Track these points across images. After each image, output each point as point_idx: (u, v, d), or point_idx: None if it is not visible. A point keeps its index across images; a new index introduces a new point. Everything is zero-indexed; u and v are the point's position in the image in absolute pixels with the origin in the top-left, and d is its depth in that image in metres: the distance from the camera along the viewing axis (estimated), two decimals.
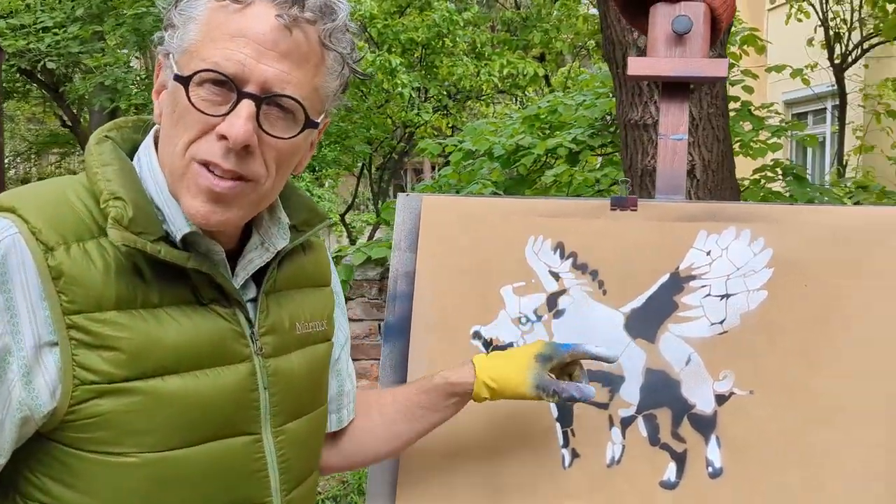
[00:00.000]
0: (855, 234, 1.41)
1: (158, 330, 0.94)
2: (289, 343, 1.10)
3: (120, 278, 0.92)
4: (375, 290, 4.00)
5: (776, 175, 4.99)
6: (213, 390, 0.98)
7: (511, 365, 1.27)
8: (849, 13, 8.83)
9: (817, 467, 1.36)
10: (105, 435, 0.92)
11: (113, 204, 0.92)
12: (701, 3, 1.50)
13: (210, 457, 0.98)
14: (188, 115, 0.93)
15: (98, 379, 0.90)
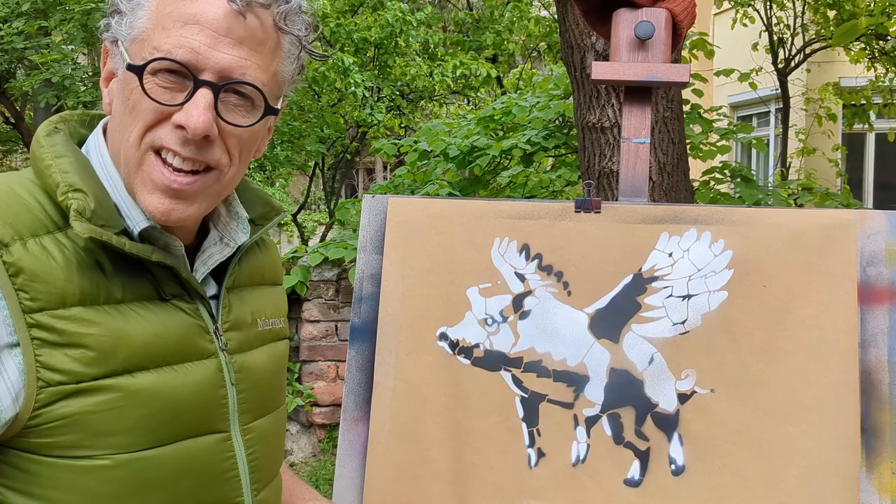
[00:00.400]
0: (810, 235, 1.45)
1: (126, 325, 0.90)
2: (252, 339, 1.08)
3: (82, 273, 0.88)
4: (332, 291, 3.97)
5: (725, 177, 5.10)
6: (182, 387, 0.95)
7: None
8: (792, 19, 9.06)
9: (776, 462, 1.40)
10: (73, 438, 0.87)
11: (73, 196, 0.88)
12: (663, 9, 1.53)
13: (181, 456, 0.95)
14: (142, 103, 0.91)
15: (65, 379, 0.86)
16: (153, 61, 0.90)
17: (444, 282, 1.54)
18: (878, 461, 1.39)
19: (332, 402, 4.00)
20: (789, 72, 9.26)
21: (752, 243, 1.46)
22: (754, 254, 1.46)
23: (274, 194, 12.78)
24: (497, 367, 1.50)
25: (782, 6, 8.91)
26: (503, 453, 1.47)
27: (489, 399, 1.49)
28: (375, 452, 1.49)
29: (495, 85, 10.13)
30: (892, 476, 1.38)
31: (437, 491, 1.47)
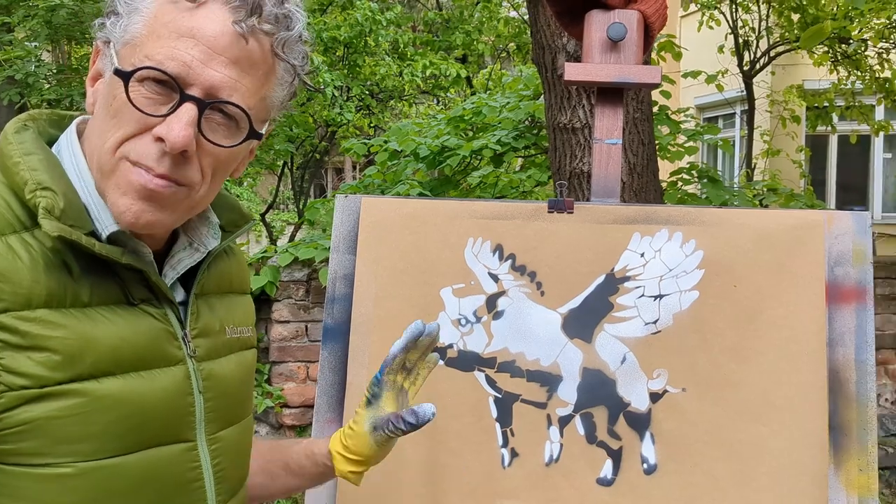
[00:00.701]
0: (779, 235, 1.47)
1: (93, 329, 0.88)
2: (220, 347, 1.06)
3: (49, 274, 0.85)
4: (303, 292, 3.95)
5: (692, 178, 5.15)
6: (150, 393, 0.92)
7: (355, 427, 1.19)
8: (757, 22, 9.17)
9: (746, 461, 1.41)
10: (34, 444, 0.84)
11: (42, 194, 0.86)
12: (635, 11, 1.54)
13: (146, 465, 0.92)
14: (125, 110, 0.89)
15: (28, 383, 0.83)
16: (142, 69, 0.88)
17: (418, 282, 1.53)
18: (845, 458, 1.41)
19: (302, 404, 3.97)
20: (754, 74, 9.37)
21: (723, 244, 1.48)
22: (725, 254, 1.48)
23: (242, 194, 12.68)
24: (471, 368, 1.50)
25: (747, 9, 9.02)
26: (477, 453, 1.47)
27: (463, 399, 1.49)
28: None
29: (465, 85, 10.14)
30: (860, 473, 1.40)
31: (411, 492, 1.46)
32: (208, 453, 1.00)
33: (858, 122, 9.02)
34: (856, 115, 8.87)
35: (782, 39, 9.18)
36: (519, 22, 9.83)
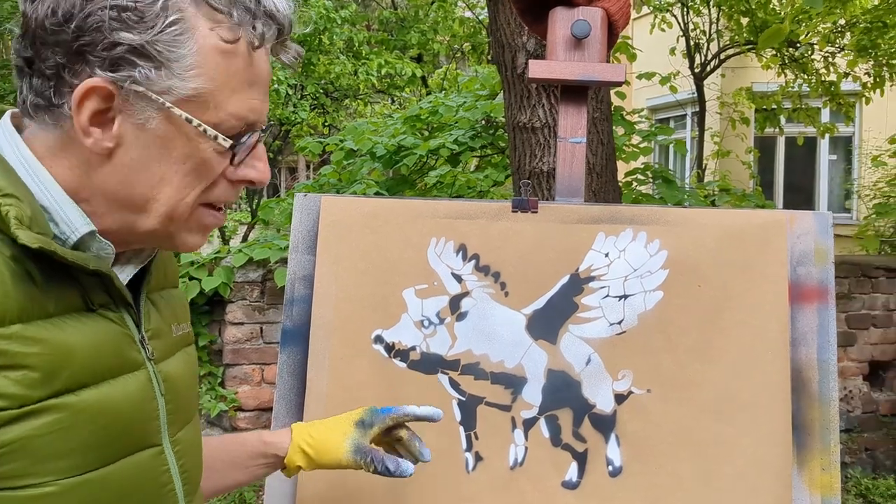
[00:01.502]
0: (742, 236, 1.47)
1: (65, 340, 0.84)
2: (170, 347, 1.03)
3: (16, 287, 0.81)
4: (257, 293, 3.87)
5: (647, 178, 5.20)
6: (122, 400, 0.89)
7: (330, 431, 1.23)
8: (707, 25, 9.31)
9: (710, 460, 1.41)
10: (16, 466, 0.79)
11: (6, 202, 0.81)
12: (599, 8, 1.52)
13: (125, 475, 0.90)
14: (209, 166, 0.90)
15: (7, 404, 0.78)
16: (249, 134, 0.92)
17: (379, 283, 1.50)
18: (808, 457, 1.41)
19: (256, 407, 3.89)
20: (705, 76, 9.51)
21: (687, 243, 1.47)
22: (689, 254, 1.47)
23: None
24: (434, 370, 1.47)
25: (698, 12, 9.15)
26: (440, 458, 1.44)
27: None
28: None
29: (420, 85, 10.11)
30: (822, 472, 1.41)
31: (373, 500, 1.43)
32: (173, 455, 0.98)
33: (805, 125, 9.21)
34: (802, 117, 9.06)
35: (732, 42, 9.33)
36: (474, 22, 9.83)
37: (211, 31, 0.86)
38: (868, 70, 7.93)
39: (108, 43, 0.82)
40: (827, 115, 9.90)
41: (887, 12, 6.91)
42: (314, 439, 1.22)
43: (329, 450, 1.21)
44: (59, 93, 0.85)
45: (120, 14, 0.82)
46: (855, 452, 4.73)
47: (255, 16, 0.88)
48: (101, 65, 0.83)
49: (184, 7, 0.85)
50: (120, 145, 0.87)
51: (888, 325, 4.82)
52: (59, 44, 0.83)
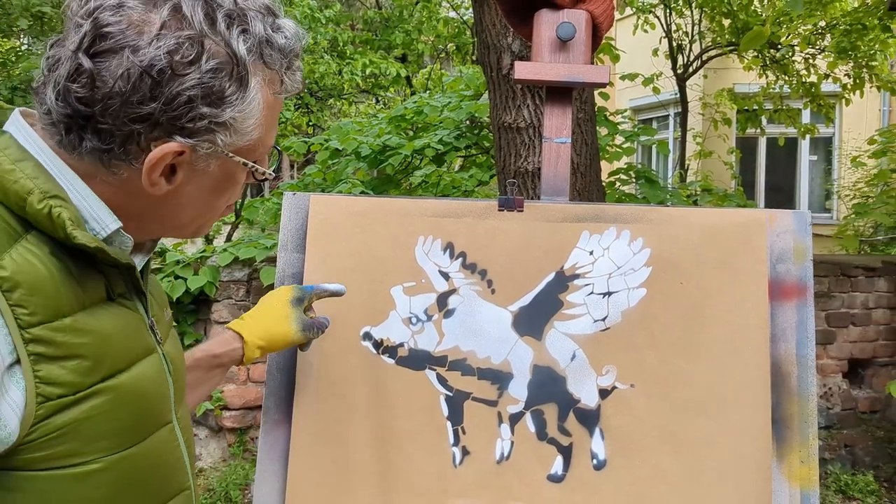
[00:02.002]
0: (723, 234, 1.50)
1: (104, 328, 0.89)
2: (166, 330, 1.10)
3: (63, 281, 0.86)
4: (243, 292, 3.87)
5: (630, 178, 5.24)
6: (148, 382, 0.96)
7: (272, 319, 1.35)
8: (690, 26, 9.39)
9: (693, 455, 1.44)
10: (68, 447, 0.85)
11: (54, 203, 0.85)
12: (583, 11, 1.55)
13: (153, 450, 0.97)
14: (239, 184, 1.02)
15: (64, 391, 0.84)
16: (276, 161, 1.08)
17: (368, 280, 1.52)
18: (787, 450, 1.45)
19: (242, 406, 3.90)
20: (687, 77, 9.59)
21: (669, 242, 1.50)
22: (671, 252, 1.50)
23: None
24: (422, 367, 1.49)
25: (681, 14, 9.22)
26: (428, 453, 1.46)
27: (414, 399, 1.48)
28: (298, 455, 1.46)
29: (405, 84, 10.12)
30: (801, 464, 1.44)
31: (363, 493, 1.45)
32: (179, 430, 1.05)
33: (786, 125, 9.30)
34: (783, 118, 9.15)
35: (714, 44, 9.41)
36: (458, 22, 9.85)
37: (270, 90, 0.94)
38: (848, 72, 8.02)
39: (193, 116, 0.87)
40: (808, 116, 10.01)
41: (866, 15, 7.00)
42: (265, 334, 1.34)
43: (280, 336, 1.34)
44: (125, 150, 0.88)
45: (206, 92, 0.87)
46: (834, 449, 4.80)
47: (292, 61, 0.96)
48: (182, 132, 0.88)
49: (256, 76, 0.91)
50: (177, 188, 0.93)
51: (867, 324, 4.89)
52: (140, 118, 0.86)
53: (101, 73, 0.84)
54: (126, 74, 0.84)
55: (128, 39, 0.84)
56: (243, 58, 0.89)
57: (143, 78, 0.84)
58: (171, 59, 0.84)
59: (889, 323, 4.93)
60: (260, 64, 0.92)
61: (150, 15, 0.86)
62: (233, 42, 0.88)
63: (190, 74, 0.85)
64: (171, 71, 0.84)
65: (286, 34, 0.95)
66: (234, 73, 0.89)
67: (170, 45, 0.84)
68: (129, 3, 0.85)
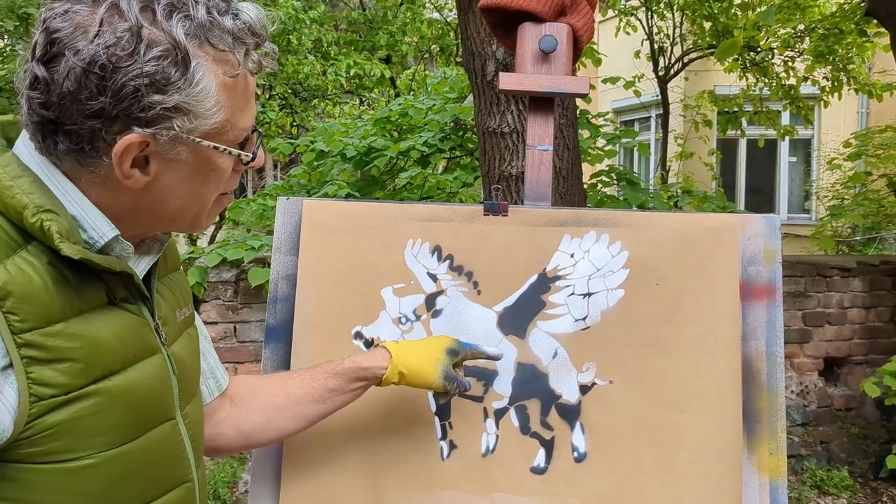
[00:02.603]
0: (697, 238, 1.58)
1: (97, 333, 0.95)
2: (176, 330, 1.14)
3: (58, 289, 0.91)
4: (231, 293, 3.92)
5: (611, 180, 5.33)
6: (146, 383, 1.01)
7: (423, 357, 1.40)
8: (671, 29, 9.50)
9: (668, 447, 1.52)
10: (62, 444, 0.92)
11: (46, 217, 0.90)
12: (565, 24, 1.63)
13: (150, 446, 1.02)
14: (230, 173, 1.04)
15: (55, 392, 0.90)
16: (257, 143, 1.07)
17: (359, 282, 1.58)
18: (757, 443, 1.53)
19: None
20: (669, 79, 9.71)
21: (646, 245, 1.58)
22: (648, 255, 1.57)
23: None
24: None
25: (662, 16, 9.34)
26: (417, 446, 1.53)
27: (403, 395, 1.55)
28: (291, 450, 1.52)
29: (389, 85, 10.17)
30: (770, 456, 1.52)
31: (354, 485, 1.51)
32: (184, 426, 1.11)
33: (766, 127, 9.42)
34: (763, 120, 9.28)
35: (695, 46, 9.52)
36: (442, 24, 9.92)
37: (222, 71, 0.96)
38: (826, 74, 8.16)
39: (143, 105, 0.91)
40: (787, 117, 10.15)
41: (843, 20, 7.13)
42: (411, 364, 1.39)
43: (422, 374, 1.39)
44: (94, 147, 0.93)
45: (151, 80, 0.90)
46: (810, 445, 4.90)
47: (245, 43, 0.98)
48: (138, 123, 0.92)
49: (200, 60, 0.94)
50: (154, 178, 0.98)
51: (842, 323, 4.99)
52: (93, 114, 0.90)
53: (54, 77, 0.89)
54: (72, 74, 0.88)
55: (72, 41, 0.89)
56: (182, 42, 0.91)
57: (87, 75, 0.88)
58: (109, 53, 0.88)
59: (864, 322, 5.04)
60: (206, 46, 0.94)
61: (93, 15, 0.90)
62: (172, 29, 0.91)
63: (131, 66, 0.88)
64: (111, 65, 0.88)
65: (240, 16, 0.97)
66: (176, 59, 0.91)
67: (108, 41, 0.88)
68: (74, 7, 0.90)
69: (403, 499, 1.51)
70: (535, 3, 1.60)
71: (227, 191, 1.08)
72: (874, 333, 5.05)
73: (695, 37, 9.30)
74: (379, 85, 9.89)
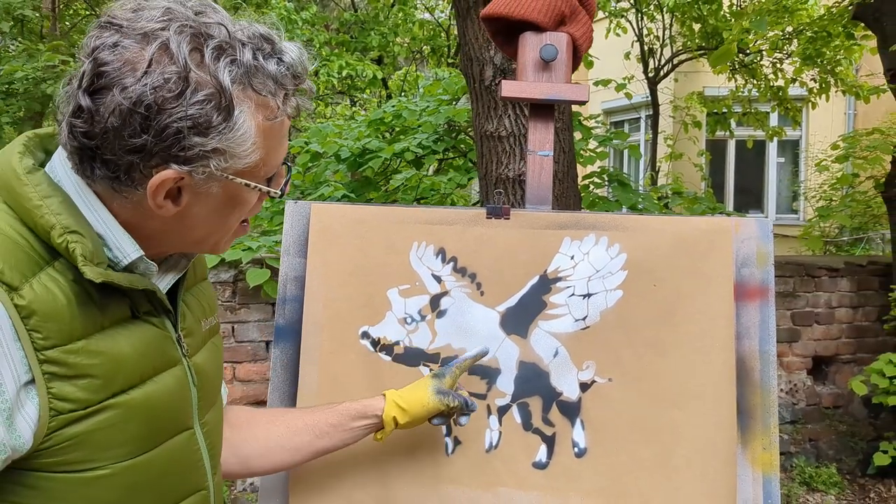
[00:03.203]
0: (693, 241, 1.63)
1: (118, 348, 0.98)
2: (200, 341, 1.18)
3: (80, 306, 0.94)
4: (229, 293, 3.96)
5: (603, 181, 5.39)
6: (164, 395, 1.04)
7: (415, 388, 1.46)
8: (661, 31, 9.58)
9: (665, 443, 1.57)
10: (79, 455, 0.95)
11: (72, 239, 0.93)
12: (564, 34, 1.68)
13: (166, 456, 1.05)
14: (252, 203, 1.08)
15: (75, 407, 0.93)
16: (287, 177, 1.12)
17: (365, 283, 1.63)
18: (751, 438, 1.58)
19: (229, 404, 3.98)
20: (658, 80, 9.78)
21: (644, 247, 1.63)
22: (646, 257, 1.63)
23: None
24: (416, 363, 1.61)
25: (652, 18, 9.41)
26: (422, 442, 1.58)
27: None
28: None
29: (381, 86, 10.21)
30: (763, 451, 1.58)
31: (361, 479, 1.56)
32: (202, 435, 1.14)
33: (754, 128, 9.49)
34: (752, 121, 9.35)
35: (684, 48, 9.60)
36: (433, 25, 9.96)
37: (261, 115, 0.99)
38: (814, 76, 8.24)
39: (183, 146, 0.94)
40: (775, 119, 10.23)
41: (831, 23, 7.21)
42: (404, 395, 1.44)
43: (417, 401, 1.44)
44: (130, 177, 0.96)
45: (193, 123, 0.92)
46: (799, 443, 4.98)
47: (286, 87, 1.00)
48: (176, 160, 0.94)
49: (243, 106, 0.96)
50: (185, 208, 1.01)
51: (830, 322, 5.07)
52: (134, 149, 0.93)
53: (99, 110, 0.91)
54: (118, 111, 0.90)
55: (120, 77, 0.90)
56: (228, 88, 0.93)
57: (132, 113, 0.90)
58: (157, 95, 0.89)
59: (851, 321, 5.12)
60: (249, 91, 0.96)
61: (142, 52, 0.91)
62: (219, 73, 0.93)
63: (176, 108, 0.90)
64: (157, 106, 0.90)
65: (283, 59, 0.99)
66: (220, 104, 0.93)
67: (156, 81, 0.90)
68: (124, 42, 0.91)
69: (409, 493, 1.56)
70: (537, 13, 1.65)
71: (248, 217, 1.12)
72: (862, 333, 5.13)
73: (684, 39, 9.38)
74: (371, 86, 9.93)
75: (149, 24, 0.92)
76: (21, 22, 6.02)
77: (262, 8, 9.36)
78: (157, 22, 0.93)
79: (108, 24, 0.94)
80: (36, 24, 7.40)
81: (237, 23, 0.99)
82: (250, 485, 3.92)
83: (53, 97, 1.04)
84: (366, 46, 10.06)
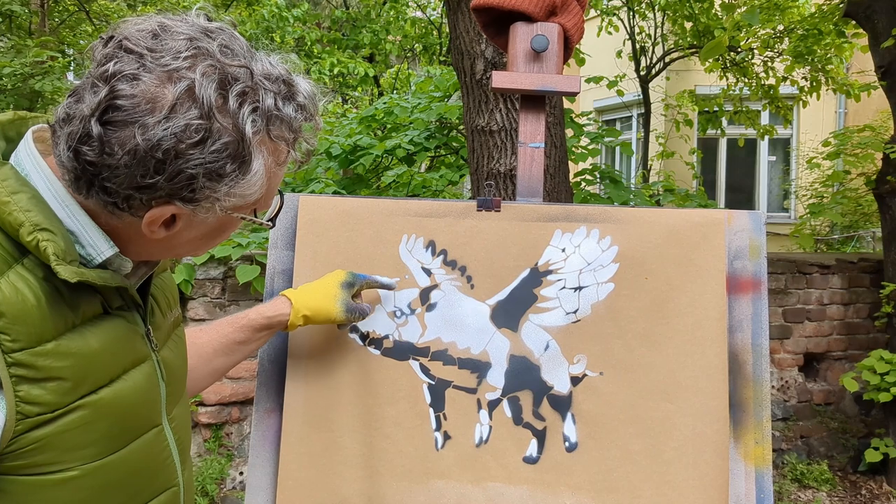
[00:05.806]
0: (685, 233, 1.62)
1: (89, 347, 0.95)
2: (166, 334, 1.15)
3: (51, 306, 0.91)
4: (218, 290, 3.93)
5: (595, 178, 5.38)
6: (133, 393, 1.01)
7: (322, 295, 1.49)
8: (653, 29, 9.58)
9: (657, 436, 1.55)
10: (46, 457, 0.92)
11: (43, 237, 0.90)
12: (556, 24, 1.66)
13: (135, 455, 1.03)
14: (235, 228, 1.07)
15: (42, 410, 0.90)
16: (278, 208, 1.10)
17: None
18: (743, 432, 1.57)
19: (217, 402, 3.96)
20: (650, 79, 9.78)
21: (636, 240, 1.62)
22: (637, 249, 1.61)
23: None
24: (406, 357, 1.59)
25: (644, 16, 9.41)
26: (412, 437, 1.56)
27: (398, 387, 1.58)
28: (289, 441, 1.55)
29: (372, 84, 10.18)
30: (755, 445, 1.57)
31: (350, 475, 1.54)
32: (170, 431, 1.12)
33: (746, 127, 9.51)
34: (743, 119, 9.36)
35: (676, 46, 9.60)
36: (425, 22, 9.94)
37: (272, 159, 0.97)
38: (805, 75, 8.26)
39: (193, 188, 0.91)
40: (766, 117, 10.25)
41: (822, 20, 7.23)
42: (312, 305, 1.47)
43: (324, 311, 1.48)
44: (129, 205, 0.92)
45: (207, 170, 0.90)
46: (791, 440, 4.98)
47: (298, 132, 0.98)
48: (182, 199, 0.92)
49: (258, 153, 0.94)
50: (175, 234, 0.99)
51: (821, 319, 5.08)
52: (143, 187, 0.89)
53: (111, 142, 0.87)
54: (133, 151, 0.86)
55: (139, 114, 0.86)
56: (249, 140, 0.91)
57: (148, 156, 0.87)
58: (176, 141, 0.86)
59: (843, 318, 5.13)
60: (265, 137, 0.94)
61: (164, 90, 0.87)
62: (240, 122, 0.90)
63: (194, 155, 0.88)
64: (175, 152, 0.87)
65: (297, 99, 0.97)
66: (238, 154, 0.91)
67: (177, 127, 0.86)
68: (144, 76, 0.87)
69: (399, 488, 1.54)
70: (528, 3, 1.63)
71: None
72: (853, 329, 5.14)
73: (676, 37, 9.38)
74: (362, 83, 9.90)
75: (174, 62, 0.88)
76: (9, 17, 5.97)
77: (254, 5, 9.32)
78: (182, 59, 0.88)
79: (125, 48, 0.89)
80: (24, 20, 7.36)
81: (257, 57, 0.95)
82: (240, 483, 3.89)
83: (42, 93, 1.01)
84: (357, 44, 10.03)
